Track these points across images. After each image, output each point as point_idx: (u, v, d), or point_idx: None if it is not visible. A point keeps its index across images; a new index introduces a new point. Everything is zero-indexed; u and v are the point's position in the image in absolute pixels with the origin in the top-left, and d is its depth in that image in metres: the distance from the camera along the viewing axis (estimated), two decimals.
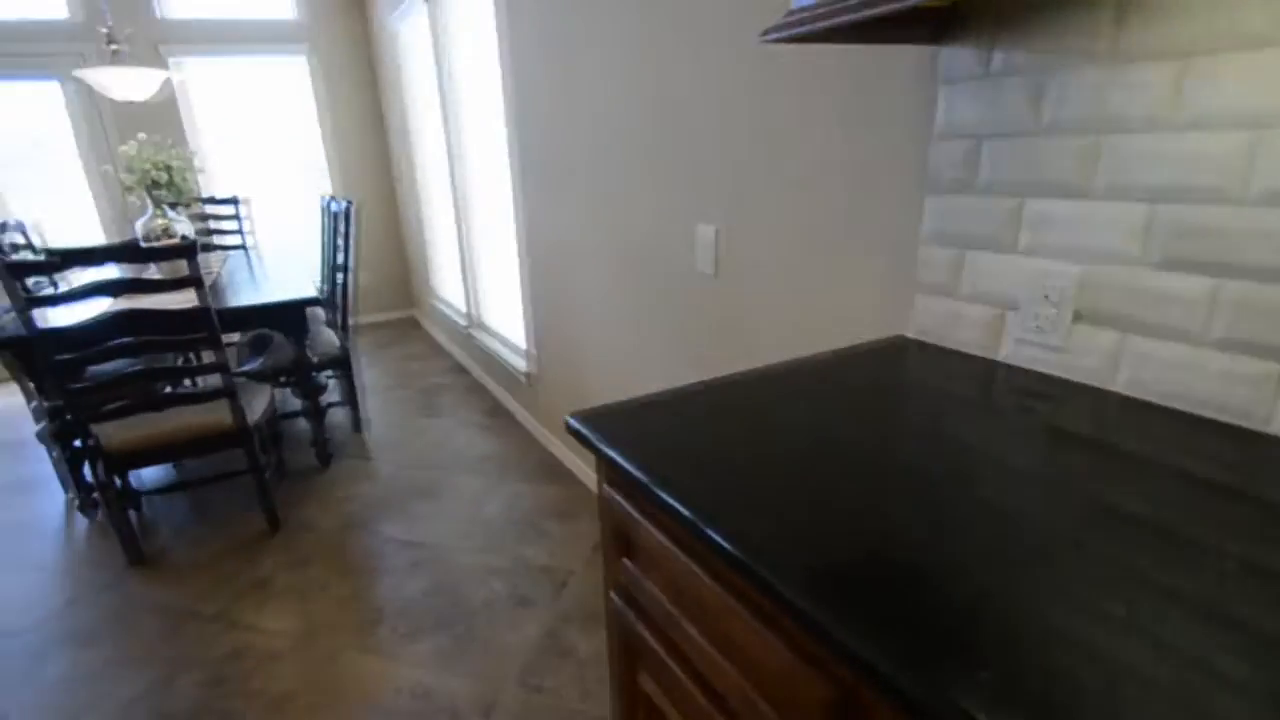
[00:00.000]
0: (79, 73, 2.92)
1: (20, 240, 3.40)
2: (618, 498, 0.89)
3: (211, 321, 2.21)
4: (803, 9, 0.89)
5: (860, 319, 1.34)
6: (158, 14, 4.43)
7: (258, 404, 2.59)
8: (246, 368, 2.53)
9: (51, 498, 2.95)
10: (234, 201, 4.41)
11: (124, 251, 1.88)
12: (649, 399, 0.97)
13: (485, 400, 3.87)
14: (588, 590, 2.21)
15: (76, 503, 2.80)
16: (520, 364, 3.38)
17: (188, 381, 3.45)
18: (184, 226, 3.23)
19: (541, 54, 2.43)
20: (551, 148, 2.54)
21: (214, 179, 4.86)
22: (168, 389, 2.90)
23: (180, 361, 3.24)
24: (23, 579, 2.37)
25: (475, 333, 4.05)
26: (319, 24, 4.83)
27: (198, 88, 4.67)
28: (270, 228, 4.98)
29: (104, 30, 3.07)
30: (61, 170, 4.39)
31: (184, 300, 2.14)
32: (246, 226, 4.46)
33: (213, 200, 4.27)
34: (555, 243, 2.76)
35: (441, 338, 4.94)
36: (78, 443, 2.46)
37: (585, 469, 2.83)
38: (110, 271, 2.95)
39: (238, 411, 2.40)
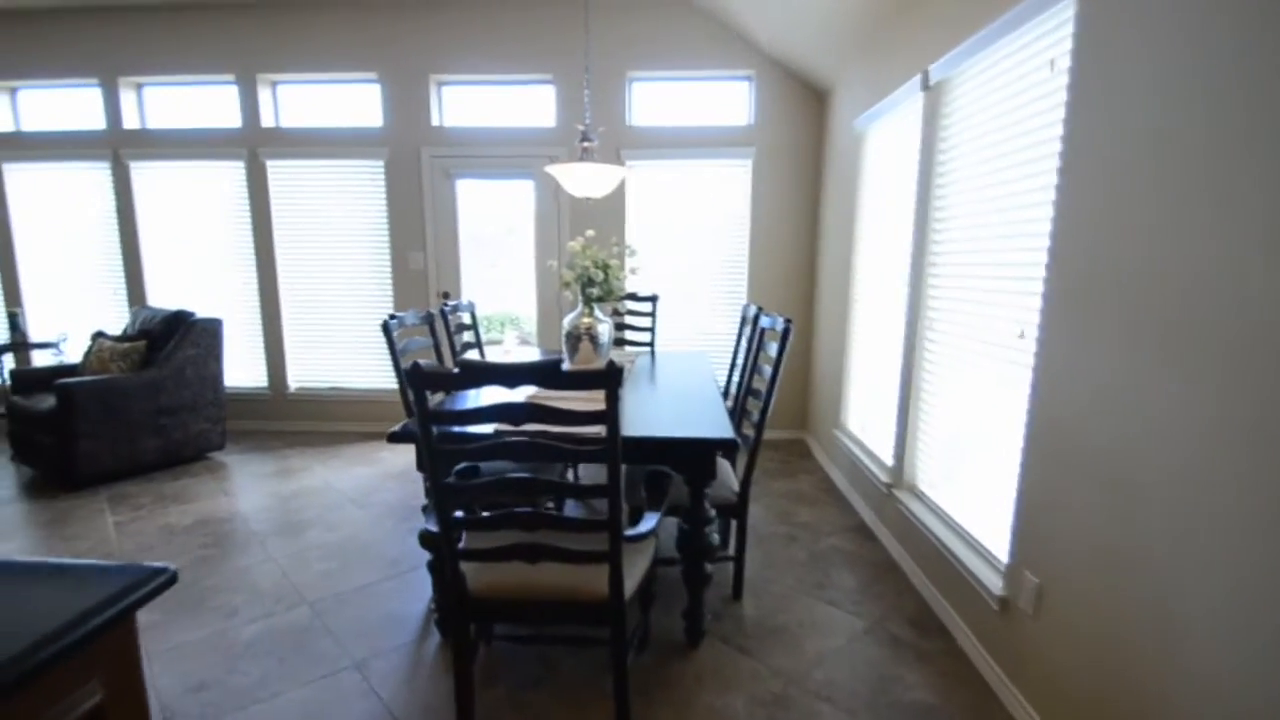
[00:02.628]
0: (550, 168, 2.98)
1: (466, 320, 3.63)
2: None
3: (617, 478, 1.69)
4: None
5: None
6: (626, 121, 4.53)
7: (638, 567, 1.92)
8: (644, 529, 1.97)
9: (421, 586, 2.74)
10: (653, 300, 4.30)
11: (544, 375, 1.52)
12: None
13: (911, 601, 2.65)
14: None
15: (435, 616, 2.47)
16: (988, 577, 2.14)
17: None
18: (605, 328, 3.03)
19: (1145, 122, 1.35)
20: (1130, 260, 1.42)
21: (638, 277, 4.85)
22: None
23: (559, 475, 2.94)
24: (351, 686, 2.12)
25: (901, 498, 2.91)
26: (770, 129, 4.52)
27: (639, 188, 4.60)
28: (673, 325, 4.82)
29: (580, 128, 3.11)
30: (515, 260, 4.90)
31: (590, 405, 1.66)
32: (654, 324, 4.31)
33: (633, 297, 4.21)
34: (1093, 402, 1.59)
35: (840, 479, 3.92)
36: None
37: None
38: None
39: (616, 584, 1.79)
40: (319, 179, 4.67)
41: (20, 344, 4.68)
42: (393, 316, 2.64)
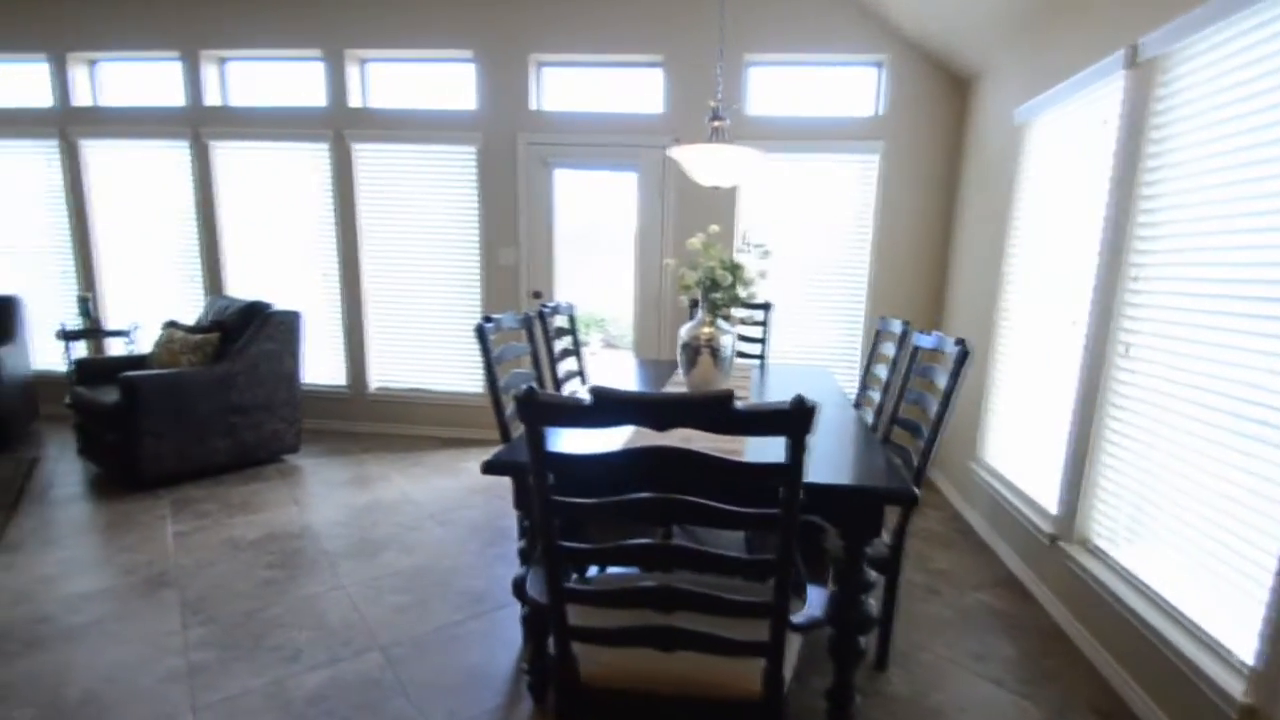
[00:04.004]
0: (675, 150, 2.45)
1: (564, 323, 3.18)
2: None
3: (791, 553, 1.15)
4: None
5: None
6: (747, 110, 3.93)
7: (792, 650, 1.41)
8: (816, 616, 1.42)
9: (509, 630, 2.26)
10: (766, 308, 3.74)
11: (713, 413, 1.01)
12: None
13: (1093, 686, 2.05)
14: None
15: (526, 678, 1.98)
16: (1218, 674, 1.57)
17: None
18: (729, 339, 2.49)
19: None
20: None
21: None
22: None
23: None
24: None
25: (1071, 553, 2.28)
26: (901, 121, 3.83)
27: (753, 182, 3.99)
28: (780, 335, 4.22)
29: (712, 104, 2.57)
30: (611, 258, 4.40)
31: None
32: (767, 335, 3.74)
33: (746, 304, 3.65)
34: None
35: (977, 520, 3.23)
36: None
37: None
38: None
39: (774, 681, 1.26)
40: (407, 165, 4.23)
41: (90, 331, 4.39)
42: (488, 319, 2.16)
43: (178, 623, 2.22)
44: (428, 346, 4.48)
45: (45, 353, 4.49)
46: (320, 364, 4.51)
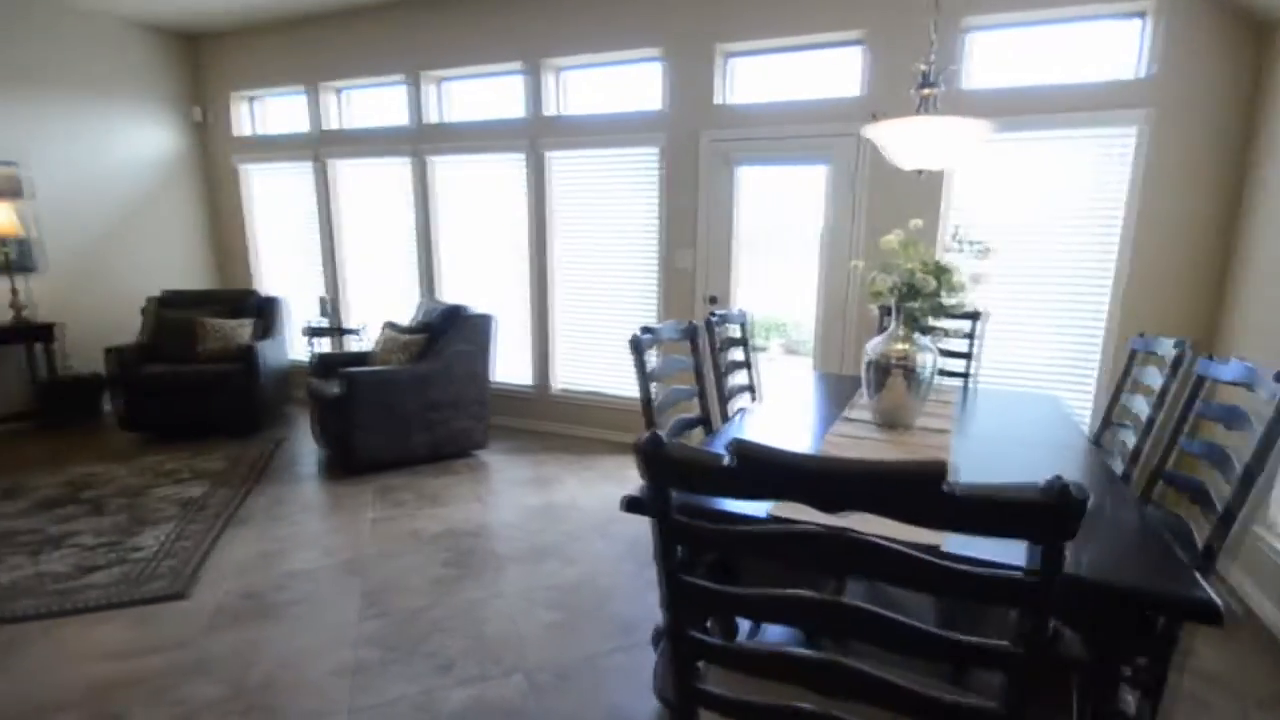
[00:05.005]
0: (872, 128, 2.00)
1: (735, 333, 2.84)
2: None
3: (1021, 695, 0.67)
4: None
5: None
6: (961, 84, 3.24)
7: None
8: None
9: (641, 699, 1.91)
10: (974, 317, 3.09)
11: (905, 499, 0.66)
12: None
13: None
14: None
15: None
16: None
17: None
18: (928, 358, 1.99)
19: None
20: None
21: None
22: None
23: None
24: None
25: None
26: (1174, 84, 2.90)
27: (966, 168, 3.30)
28: (997, 351, 3.45)
29: (923, 67, 2.01)
30: (794, 259, 3.96)
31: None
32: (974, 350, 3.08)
33: (952, 314, 3.01)
34: None
35: (1267, 609, 2.47)
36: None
37: None
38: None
39: None
40: (593, 170, 4.18)
41: (328, 329, 4.99)
42: (646, 330, 1.93)
43: (355, 613, 2.31)
44: (604, 349, 4.41)
45: (296, 346, 5.19)
46: (512, 363, 4.68)
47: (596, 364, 4.45)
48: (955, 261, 1.92)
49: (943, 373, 2.78)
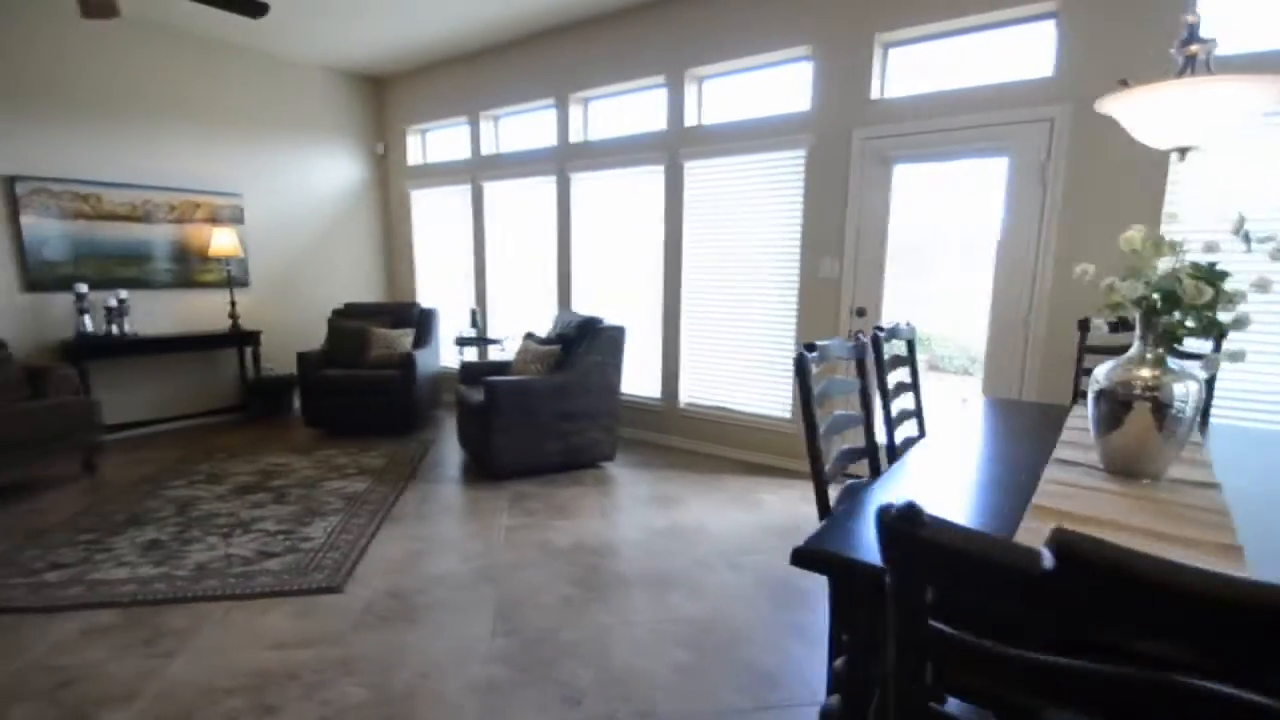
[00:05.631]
0: (1112, 102, 1.58)
1: (901, 350, 2.50)
2: None
3: None
4: None
5: None
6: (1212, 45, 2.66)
7: None
8: None
9: None
10: (1219, 336, 2.48)
11: None
12: None
13: None
14: None
15: None
16: None
17: None
18: (1190, 389, 1.53)
19: None
20: None
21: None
22: None
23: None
24: None
25: None
26: None
27: (1202, 153, 2.60)
28: (1241, 379, 2.74)
29: (1189, 19, 1.57)
30: (952, 267, 3.50)
31: None
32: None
33: (1219, 331, 2.40)
34: None
35: None
36: None
37: None
38: None
39: None
40: (732, 177, 3.98)
41: (475, 339, 5.19)
42: (811, 347, 1.65)
43: (488, 626, 2.28)
44: (734, 364, 4.17)
45: (447, 354, 5.47)
46: (639, 375, 4.60)
47: (725, 379, 4.23)
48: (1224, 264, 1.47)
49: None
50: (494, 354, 5.28)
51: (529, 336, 4.19)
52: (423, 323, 5.04)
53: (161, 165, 4.66)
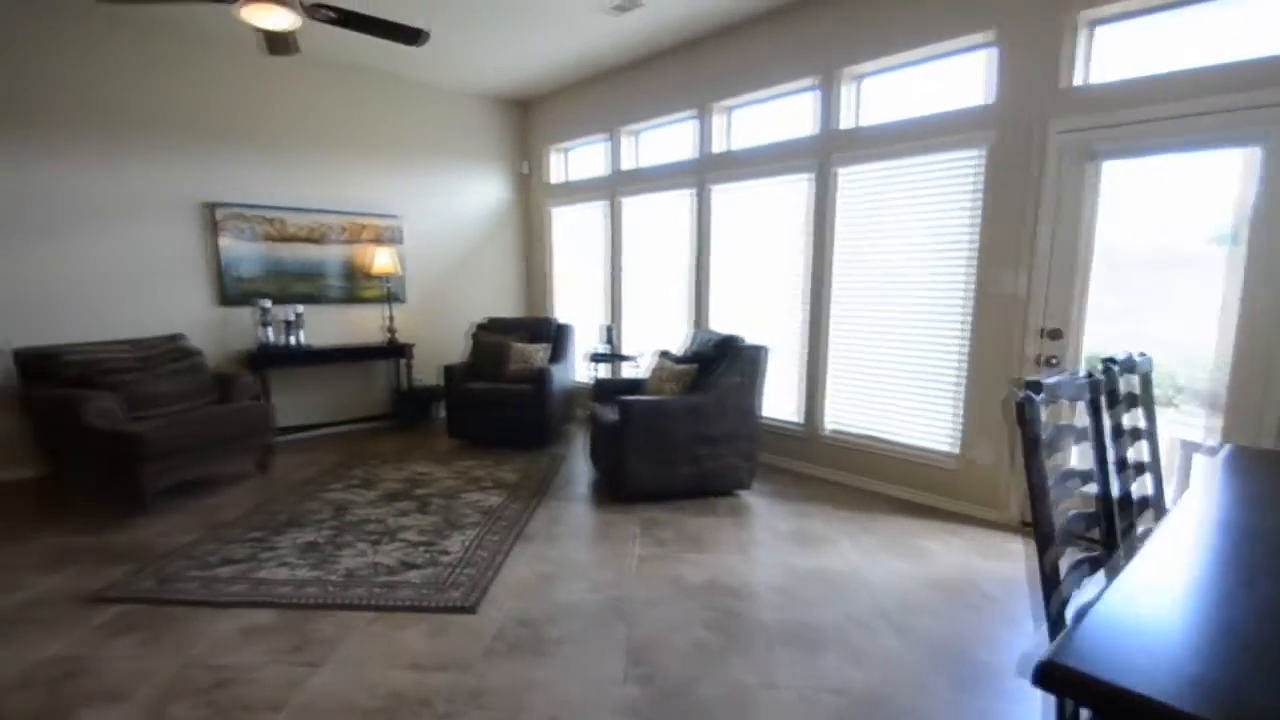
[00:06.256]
0: None
1: (1134, 387, 1.89)
2: None
3: None
4: None
5: None
6: None
7: None
8: None
9: None
10: None
11: None
12: None
13: None
14: None
15: None
16: None
17: None
18: None
19: None
20: None
21: None
22: None
23: None
24: None
25: None
26: None
27: None
28: None
29: None
30: (1175, 282, 2.83)
31: None
32: None
33: None
34: None
35: None
36: None
37: None
38: None
39: None
40: (892, 183, 3.59)
41: (609, 355, 5.15)
42: (1034, 385, 1.27)
43: (620, 668, 2.10)
44: (888, 388, 3.73)
45: (579, 369, 5.48)
46: (779, 398, 4.28)
47: (877, 404, 3.80)
48: None
49: None
50: (626, 371, 5.20)
51: (664, 354, 4.04)
52: (558, 338, 5.08)
53: (335, 191, 5.10)
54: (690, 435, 3.54)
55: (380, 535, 3.14)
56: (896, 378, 3.69)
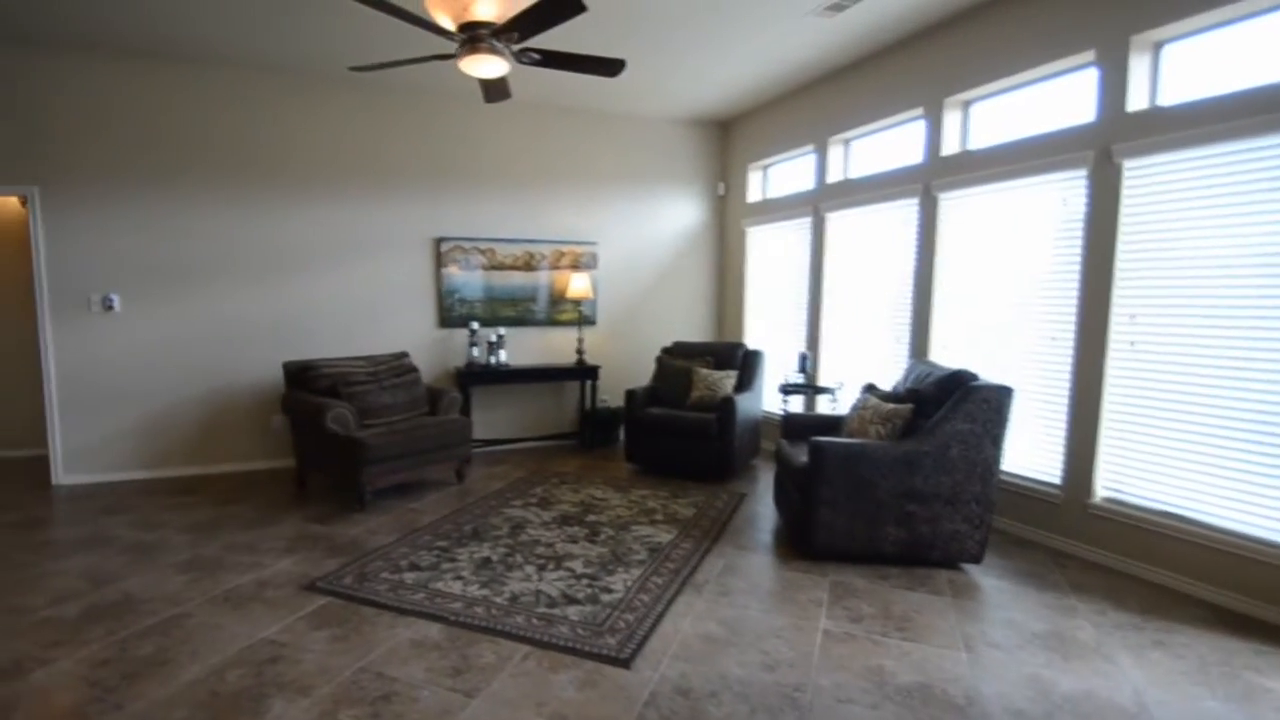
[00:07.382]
0: None
1: None
2: None
3: None
4: None
5: None
6: None
7: None
8: None
9: None
10: None
11: None
12: None
13: None
14: None
15: None
16: None
17: None
18: None
19: None
20: None
21: None
22: None
23: None
24: None
25: None
26: None
27: None
28: None
29: None
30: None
31: None
32: None
33: None
34: None
35: None
36: None
37: None
38: None
39: None
40: (1225, 173, 2.68)
41: (803, 386, 4.65)
42: None
43: None
44: (1203, 447, 2.72)
45: (769, 398, 5.05)
46: (1028, 448, 3.41)
47: (1183, 467, 2.80)
48: None
49: None
50: (822, 405, 4.64)
51: (870, 389, 3.46)
52: (746, 365, 4.72)
53: (539, 221, 5.39)
54: (899, 489, 2.93)
55: (548, 560, 3.04)
56: (1217, 434, 2.69)
